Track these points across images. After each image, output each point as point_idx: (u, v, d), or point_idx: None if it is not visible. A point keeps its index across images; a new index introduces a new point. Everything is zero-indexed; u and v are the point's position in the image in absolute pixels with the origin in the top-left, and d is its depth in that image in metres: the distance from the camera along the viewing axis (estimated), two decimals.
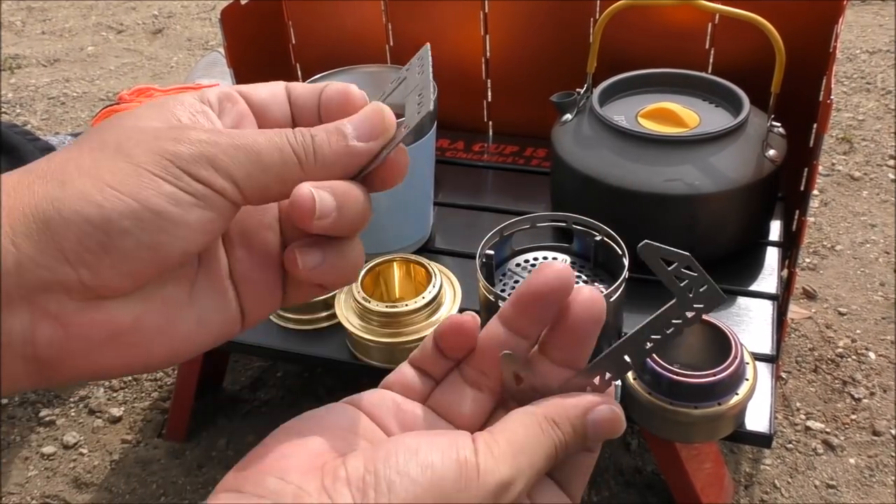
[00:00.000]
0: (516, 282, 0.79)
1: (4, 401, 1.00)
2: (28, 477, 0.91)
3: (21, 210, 0.27)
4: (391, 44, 1.10)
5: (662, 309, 0.33)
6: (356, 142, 0.31)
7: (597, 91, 0.90)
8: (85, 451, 0.94)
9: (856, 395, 0.94)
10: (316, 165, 0.30)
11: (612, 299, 0.70)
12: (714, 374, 0.66)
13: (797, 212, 0.91)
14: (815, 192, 1.29)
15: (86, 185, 0.28)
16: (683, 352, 0.73)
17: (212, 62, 1.40)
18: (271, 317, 0.84)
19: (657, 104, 0.88)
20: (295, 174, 0.30)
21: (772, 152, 0.83)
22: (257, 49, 1.05)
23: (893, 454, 0.88)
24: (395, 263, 0.81)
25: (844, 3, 0.86)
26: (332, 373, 0.99)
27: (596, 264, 0.80)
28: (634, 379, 0.69)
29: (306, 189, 0.30)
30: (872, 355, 0.99)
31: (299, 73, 1.16)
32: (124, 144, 0.29)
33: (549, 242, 0.83)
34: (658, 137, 0.83)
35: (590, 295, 0.33)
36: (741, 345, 0.68)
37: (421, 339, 0.75)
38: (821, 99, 0.87)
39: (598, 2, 0.98)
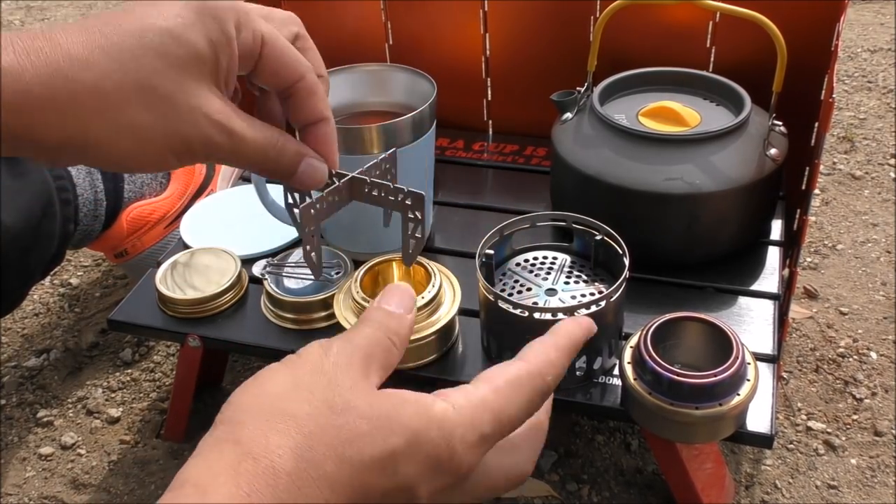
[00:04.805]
0: (516, 281, 0.78)
1: (2, 401, 1.00)
2: (26, 478, 0.90)
3: None
4: (391, 42, 1.10)
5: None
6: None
7: (597, 90, 0.90)
8: (83, 451, 0.93)
9: (857, 396, 0.94)
10: None
11: (612, 299, 0.70)
12: (715, 375, 0.65)
13: (798, 211, 0.90)
14: (817, 191, 1.29)
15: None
16: (684, 352, 0.72)
17: None
18: (269, 316, 0.84)
19: (658, 103, 0.88)
20: None
21: (773, 151, 0.83)
22: None
23: (895, 455, 0.87)
24: (394, 263, 0.81)
25: (846, 1, 0.86)
26: None
27: (596, 264, 0.79)
28: (635, 379, 0.68)
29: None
30: (874, 355, 0.99)
31: None
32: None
33: (549, 242, 0.83)
34: (659, 136, 0.82)
35: None
36: (742, 345, 0.68)
37: (420, 339, 0.75)
38: (822, 97, 0.86)
39: (599, 0, 0.98)
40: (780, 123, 0.86)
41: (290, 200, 0.50)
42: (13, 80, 0.34)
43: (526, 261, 0.81)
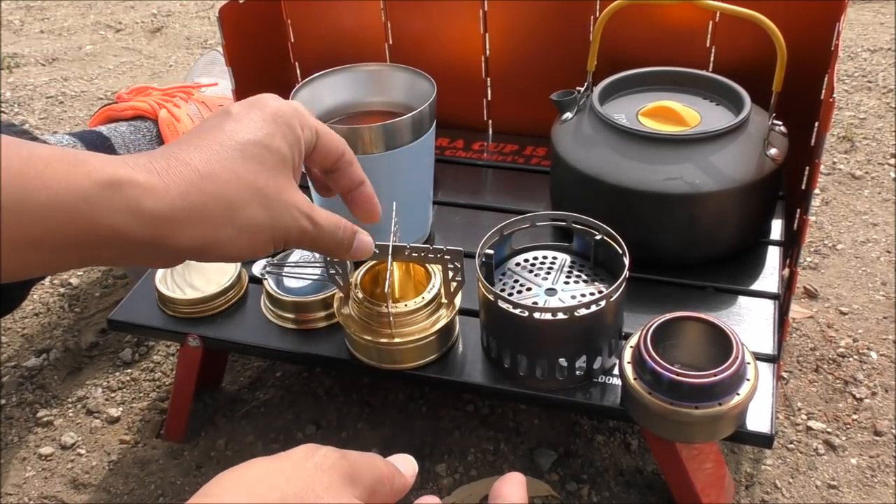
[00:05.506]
0: (516, 281, 0.78)
1: (2, 401, 1.00)
2: (25, 478, 0.90)
3: None
4: (390, 42, 1.10)
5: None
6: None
7: (597, 89, 0.90)
8: (83, 451, 0.93)
9: (857, 395, 0.94)
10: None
11: (612, 299, 0.70)
12: (715, 374, 0.65)
13: (798, 211, 0.90)
14: (817, 190, 1.29)
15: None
16: (684, 352, 0.72)
17: (210, 61, 1.39)
18: (269, 316, 0.84)
19: (658, 103, 0.88)
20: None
21: (773, 151, 0.83)
22: (256, 48, 1.05)
23: (895, 454, 0.87)
24: (394, 263, 0.81)
25: (846, 1, 0.86)
26: (332, 373, 0.99)
27: (596, 263, 0.79)
28: (635, 379, 0.68)
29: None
30: (874, 355, 0.99)
31: (298, 71, 1.15)
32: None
33: (548, 242, 0.83)
34: (658, 136, 0.82)
35: None
36: (742, 345, 0.68)
37: (420, 339, 0.75)
38: (822, 97, 0.86)
39: (599, 0, 0.98)
40: (780, 123, 0.86)
41: (333, 271, 0.58)
42: (161, 197, 0.40)
43: (526, 260, 0.81)
